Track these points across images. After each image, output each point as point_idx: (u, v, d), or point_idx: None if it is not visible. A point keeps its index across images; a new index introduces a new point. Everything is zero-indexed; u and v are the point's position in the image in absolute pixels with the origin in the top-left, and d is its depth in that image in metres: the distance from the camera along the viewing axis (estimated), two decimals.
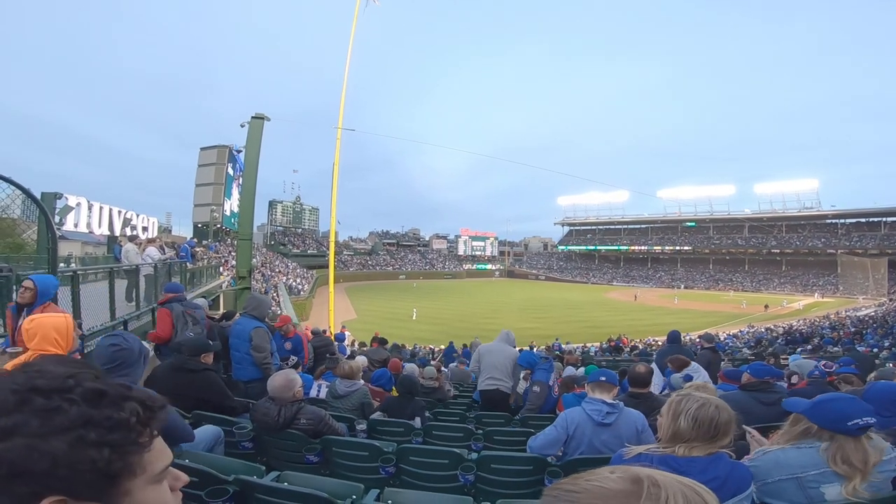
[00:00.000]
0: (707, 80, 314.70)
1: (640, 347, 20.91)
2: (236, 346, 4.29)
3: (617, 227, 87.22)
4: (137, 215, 24.17)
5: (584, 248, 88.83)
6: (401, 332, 25.76)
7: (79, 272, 4.99)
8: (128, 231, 21.21)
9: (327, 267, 23.71)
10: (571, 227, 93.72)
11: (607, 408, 2.54)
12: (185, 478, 0.65)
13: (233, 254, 28.65)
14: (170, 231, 46.15)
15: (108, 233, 21.28)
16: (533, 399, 4.48)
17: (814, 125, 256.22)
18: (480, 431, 3.59)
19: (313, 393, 4.85)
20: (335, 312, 29.11)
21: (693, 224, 76.98)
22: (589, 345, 21.46)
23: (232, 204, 40.57)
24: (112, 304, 5.76)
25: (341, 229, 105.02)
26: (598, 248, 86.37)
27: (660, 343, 22.31)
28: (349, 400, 4.03)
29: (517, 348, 5.47)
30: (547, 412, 4.44)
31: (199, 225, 39.22)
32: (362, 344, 15.47)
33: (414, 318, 33.72)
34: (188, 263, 12.48)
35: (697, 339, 12.02)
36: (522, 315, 36.23)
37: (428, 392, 5.28)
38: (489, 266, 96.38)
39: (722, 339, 23.17)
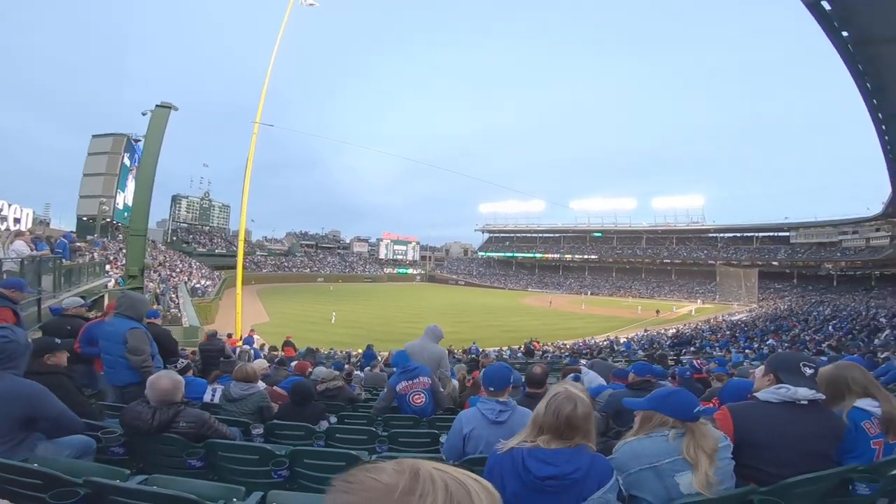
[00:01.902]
0: (616, 100, 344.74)
1: (551, 350, 22.12)
2: (107, 348, 3.92)
3: (533, 235, 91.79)
4: (9, 205, 20.94)
5: (503, 254, 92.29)
6: (317, 335, 24.88)
7: None
8: None
9: (236, 267, 22.23)
10: (491, 234, 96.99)
11: (500, 406, 2.61)
12: None
13: (123, 251, 25.81)
14: (48, 224, 40.42)
15: None
16: (378, 399, 4.69)
17: (704, 145, 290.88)
18: (385, 433, 3.56)
19: (207, 398, 4.50)
20: (246, 316, 27.45)
21: (600, 234, 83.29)
22: (505, 348, 22.23)
23: (126, 197, 36.67)
24: None
25: (256, 229, 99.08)
26: (516, 254, 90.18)
27: (568, 346, 23.86)
28: (245, 403, 3.81)
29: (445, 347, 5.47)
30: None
31: (85, 218, 34.99)
32: (273, 348, 14.73)
33: (333, 321, 32.77)
34: (64, 260, 11.00)
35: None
36: (442, 319, 36.67)
37: (333, 394, 5.11)
38: (410, 270, 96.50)
39: (622, 342, 25.30)
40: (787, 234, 62.63)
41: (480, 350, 19.95)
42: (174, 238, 65.34)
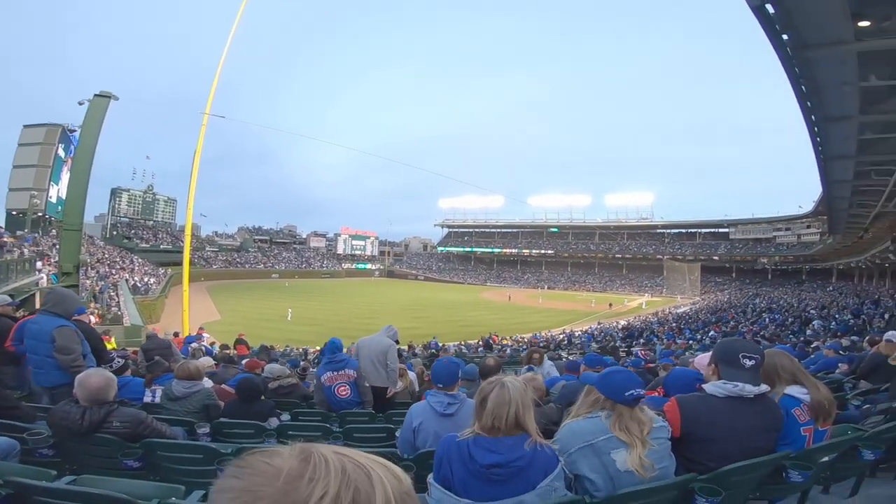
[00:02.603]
0: (573, 100, 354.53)
1: (510, 345, 22.53)
2: (34, 347, 3.69)
3: (492, 230, 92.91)
4: None
5: (462, 249, 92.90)
6: (272, 333, 24.11)
7: None
8: None
9: (183, 263, 21.20)
10: (450, 229, 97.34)
11: (448, 399, 2.66)
12: None
13: (57, 246, 24.01)
14: None
15: None
16: (314, 392, 4.78)
17: (654, 144, 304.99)
18: (339, 429, 3.52)
19: (147, 398, 4.27)
20: (195, 313, 26.29)
21: (556, 230, 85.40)
22: (464, 342, 22.43)
23: (60, 190, 34.10)
24: None
25: (206, 223, 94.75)
26: (475, 249, 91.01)
27: (526, 340, 24.38)
28: (189, 402, 3.65)
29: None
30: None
31: (15, 212, 32.29)
32: (224, 346, 14.18)
33: (289, 318, 31.89)
34: None
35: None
36: (402, 315, 36.51)
37: (286, 392, 4.98)
38: (369, 266, 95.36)
39: (577, 334, 26.13)
40: (727, 230, 66.45)
41: (440, 345, 20.05)
42: (114, 233, 61.30)
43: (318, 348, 18.73)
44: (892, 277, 31.77)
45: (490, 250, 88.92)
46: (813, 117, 8.79)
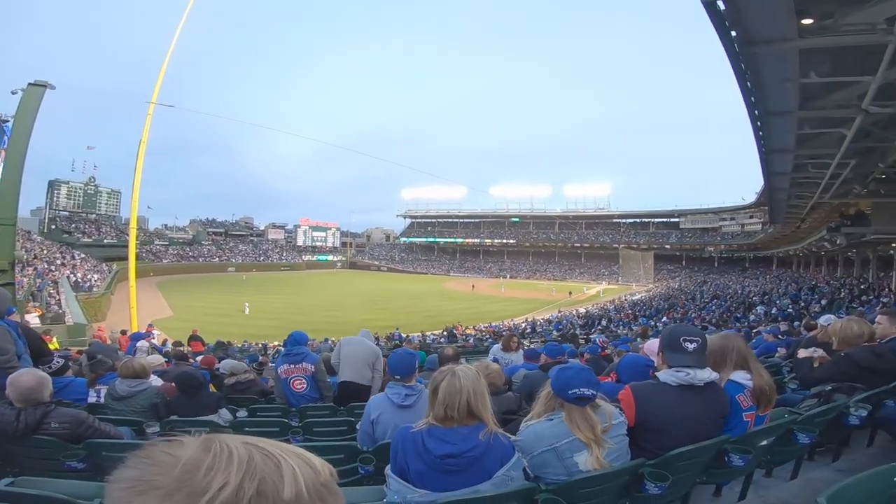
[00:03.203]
0: (535, 91, 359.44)
1: (473, 334, 22.82)
2: None
3: (454, 220, 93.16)
4: None
5: (425, 239, 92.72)
6: (230, 328, 23.39)
7: None
8: None
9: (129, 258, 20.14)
10: (413, 220, 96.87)
11: (406, 390, 2.67)
12: None
13: None
14: None
15: None
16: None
17: (612, 136, 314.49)
18: (298, 424, 3.50)
19: (92, 398, 4.09)
20: (144, 310, 25.08)
21: (518, 220, 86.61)
22: (428, 333, 22.54)
23: None
24: None
25: (153, 216, 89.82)
26: (438, 240, 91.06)
27: (490, 329, 24.77)
28: (135, 401, 3.54)
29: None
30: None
31: None
32: (178, 343, 13.63)
33: (246, 312, 31.00)
34: None
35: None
36: (365, 306, 36.22)
37: (244, 388, 4.89)
38: (331, 257, 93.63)
39: (540, 322, 26.78)
40: (677, 220, 69.31)
41: (404, 336, 20.09)
42: (52, 227, 57.17)
43: (277, 343, 18.33)
44: (827, 265, 34.06)
45: (453, 240, 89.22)
46: (756, 112, 9.10)
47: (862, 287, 21.47)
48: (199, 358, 7.60)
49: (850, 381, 3.12)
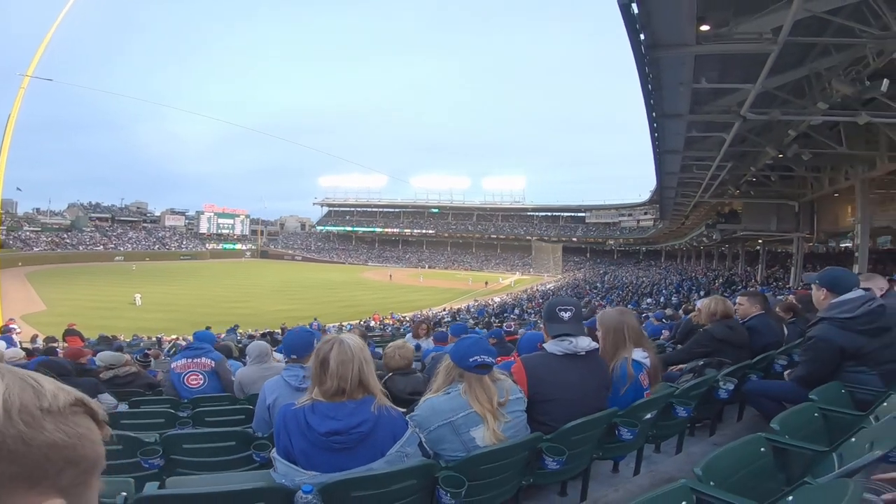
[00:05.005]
0: (459, 84, 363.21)
1: (391, 323, 22.71)
2: None
3: (374, 209, 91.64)
4: None
5: (343, 228, 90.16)
6: (118, 322, 21.00)
7: None
8: None
9: None
10: (331, 208, 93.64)
11: (304, 371, 2.47)
12: None
13: None
14: None
15: None
16: None
17: (528, 132, 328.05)
18: (186, 414, 3.27)
19: None
20: (11, 304, 22.06)
21: (437, 210, 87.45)
22: (345, 323, 22.03)
23: None
24: None
25: (23, 199, 77.03)
26: (356, 229, 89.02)
27: (408, 319, 24.83)
28: None
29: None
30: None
31: None
32: (50, 339, 11.83)
33: (138, 304, 28.04)
34: None
35: None
36: (278, 297, 34.36)
37: (127, 381, 4.43)
38: (239, 246, 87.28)
39: (461, 312, 27.35)
40: (583, 214, 74.64)
41: (322, 326, 19.43)
42: None
43: (174, 336, 16.83)
44: (706, 258, 38.81)
45: (372, 230, 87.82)
46: (654, 113, 9.64)
47: (734, 278, 24.71)
48: (60, 350, 6.70)
49: (708, 354, 3.58)
